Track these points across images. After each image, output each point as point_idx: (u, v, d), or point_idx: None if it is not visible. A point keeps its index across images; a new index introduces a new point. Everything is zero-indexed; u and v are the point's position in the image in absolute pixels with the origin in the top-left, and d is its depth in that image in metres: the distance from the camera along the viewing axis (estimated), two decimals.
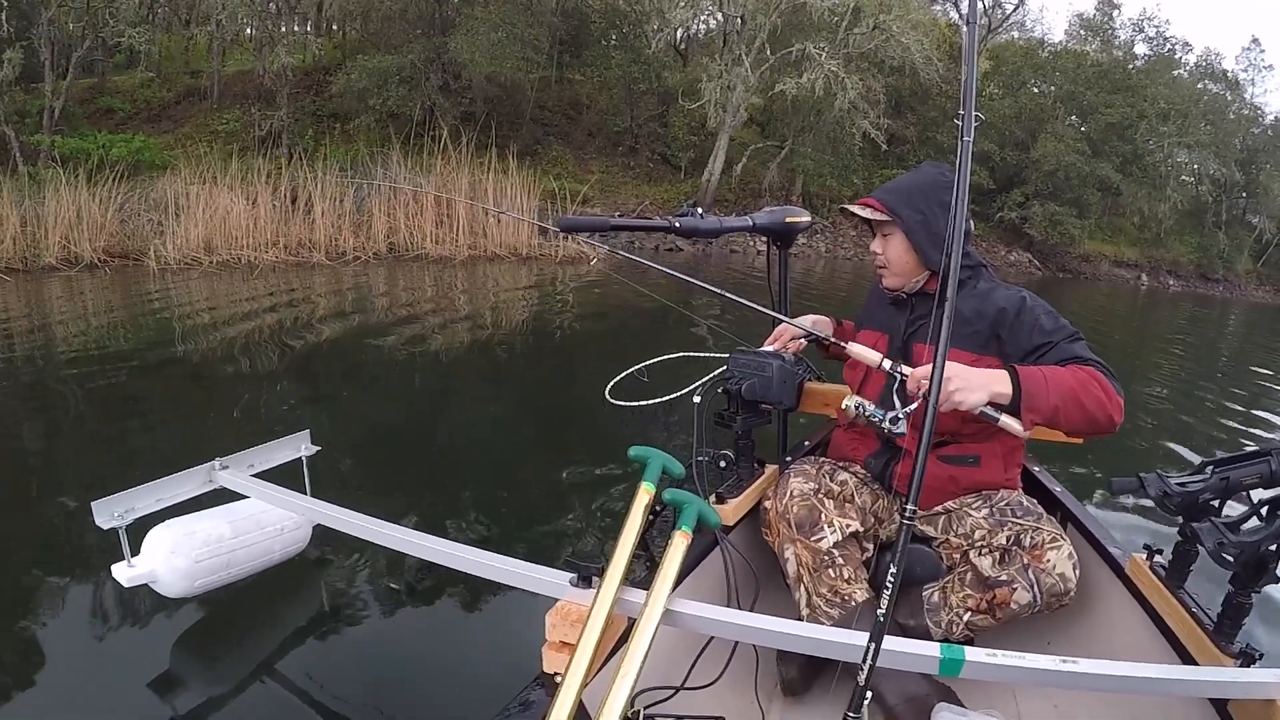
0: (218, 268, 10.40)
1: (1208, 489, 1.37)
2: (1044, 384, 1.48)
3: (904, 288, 1.84)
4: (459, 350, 6.41)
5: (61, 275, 9.49)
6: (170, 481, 1.97)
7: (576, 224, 1.99)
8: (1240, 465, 1.37)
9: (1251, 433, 5.70)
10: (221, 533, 2.09)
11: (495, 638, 2.24)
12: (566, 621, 1.26)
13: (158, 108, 16.41)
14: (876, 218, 1.79)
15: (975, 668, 1.21)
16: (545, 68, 16.55)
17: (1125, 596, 1.70)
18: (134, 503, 1.89)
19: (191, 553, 2.01)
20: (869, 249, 1.91)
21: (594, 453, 3.77)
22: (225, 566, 2.10)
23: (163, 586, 2.01)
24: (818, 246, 18.21)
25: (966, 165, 1.27)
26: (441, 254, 12.25)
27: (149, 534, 1.99)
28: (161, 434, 3.98)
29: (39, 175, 11.48)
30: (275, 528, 2.23)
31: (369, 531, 1.70)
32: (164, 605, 2.20)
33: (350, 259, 11.54)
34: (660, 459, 1.55)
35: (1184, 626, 1.46)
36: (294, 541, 2.31)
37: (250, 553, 2.17)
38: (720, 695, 1.39)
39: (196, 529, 2.05)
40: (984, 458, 1.77)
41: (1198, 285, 26.31)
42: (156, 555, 1.97)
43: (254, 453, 2.19)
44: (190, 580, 2.02)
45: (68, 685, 2.01)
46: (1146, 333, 12.62)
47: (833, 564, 1.67)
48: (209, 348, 5.99)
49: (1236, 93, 28.59)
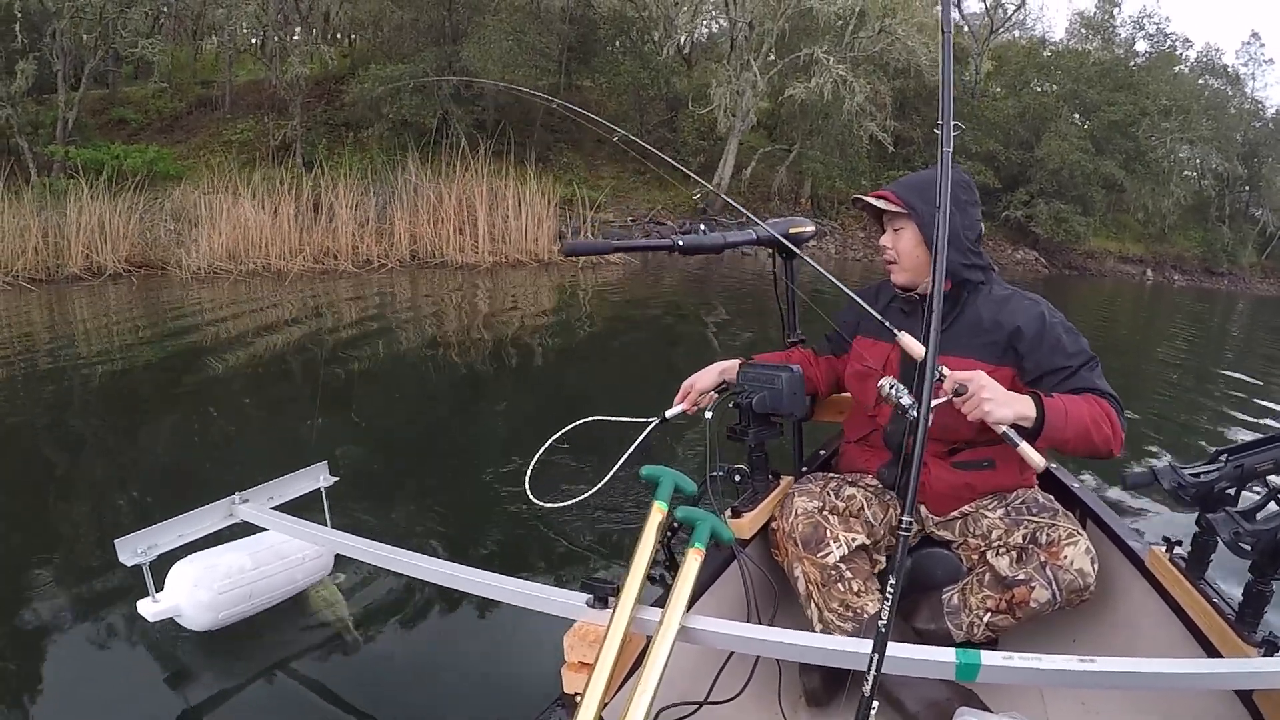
0: (246, 276, 10.56)
1: (1222, 477, 1.36)
2: (1064, 418, 1.53)
3: (915, 286, 1.84)
4: (478, 365, 6.42)
5: (85, 285, 9.59)
6: (191, 517, 1.99)
7: (582, 248, 2.01)
8: (1254, 452, 1.37)
9: (1261, 423, 5.68)
10: (243, 565, 2.12)
11: (515, 660, 2.25)
12: (584, 642, 1.28)
13: (169, 118, 16.52)
14: (891, 209, 1.79)
15: (992, 671, 1.21)
16: (554, 74, 16.62)
17: (1146, 590, 1.69)
18: (156, 539, 1.90)
19: (214, 585, 2.03)
20: (878, 244, 1.91)
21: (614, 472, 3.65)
22: (248, 598, 2.13)
23: (187, 620, 2.03)
24: (827, 249, 18.29)
25: (947, 176, 1.27)
26: (465, 261, 12.37)
27: (172, 569, 2.02)
28: (182, 457, 4.02)
29: (55, 186, 11.57)
30: (296, 558, 2.26)
31: (387, 560, 1.72)
32: (190, 639, 2.22)
33: (376, 266, 11.68)
34: (672, 477, 1.56)
35: (1206, 618, 1.45)
36: (315, 570, 2.34)
37: (272, 583, 2.20)
38: (744, 709, 1.40)
39: (218, 562, 2.08)
40: (998, 461, 1.78)
41: (1202, 279, 26.35)
42: (180, 590, 2.00)
43: (273, 486, 2.20)
44: (214, 613, 2.05)
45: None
46: (1152, 328, 12.72)
47: (840, 578, 1.67)
48: (232, 363, 6.07)
49: (1237, 87, 28.64)
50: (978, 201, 1.81)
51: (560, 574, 2.78)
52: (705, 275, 13.62)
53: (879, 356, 1.86)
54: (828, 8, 16.35)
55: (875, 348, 1.89)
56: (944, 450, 1.80)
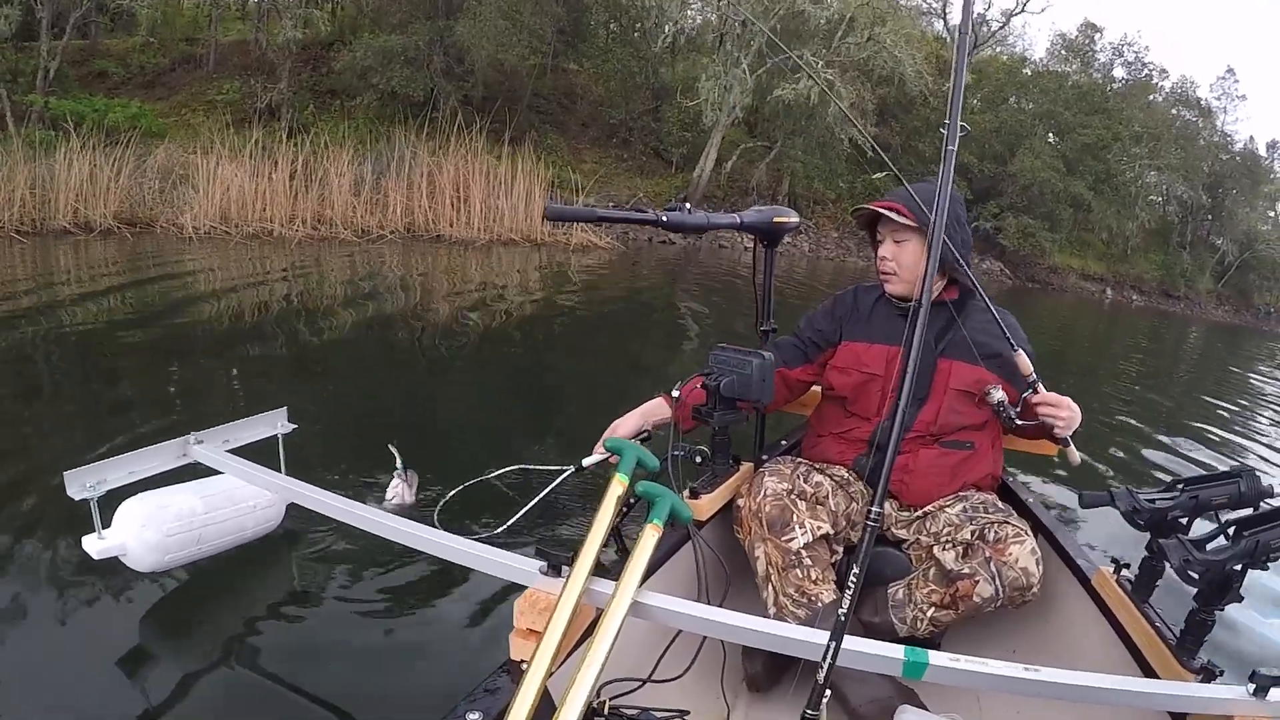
0: (246, 239, 10.55)
1: (1177, 506, 1.39)
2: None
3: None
4: (455, 333, 6.52)
5: (74, 239, 9.51)
6: (144, 454, 1.93)
7: (564, 213, 1.92)
8: (1210, 485, 1.39)
9: (1207, 450, 5.80)
10: (194, 507, 2.06)
11: (464, 622, 2.21)
12: (535, 609, 1.26)
13: (152, 74, 16.20)
14: (903, 221, 1.79)
15: (939, 671, 1.22)
16: (543, 55, 16.72)
17: (1090, 608, 1.71)
18: (106, 474, 1.84)
19: (163, 527, 1.97)
20: (877, 254, 1.91)
21: (573, 441, 3.59)
22: (196, 542, 2.07)
23: (132, 560, 1.96)
24: (801, 246, 18.63)
25: (949, 174, 1.32)
26: (459, 236, 12.59)
27: (120, 506, 1.95)
28: (143, 402, 3.99)
29: (30, 137, 11.38)
30: (248, 504, 2.20)
31: (342, 512, 1.69)
32: (133, 579, 2.15)
33: (375, 237, 11.81)
34: (635, 451, 1.55)
35: (1147, 640, 1.47)
36: (267, 519, 2.29)
37: (222, 529, 2.14)
38: (686, 689, 1.40)
39: (169, 503, 2.01)
40: (978, 444, 1.85)
41: (1159, 301, 27.23)
42: (127, 528, 1.93)
43: (230, 428, 2.13)
44: (161, 554, 1.98)
45: (29, 656, 1.96)
46: (1107, 348, 13.10)
47: (800, 564, 1.67)
48: (208, 318, 6.09)
49: (1208, 120, 29.48)
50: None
51: (515, 540, 2.77)
52: (679, 271, 13.86)
53: (877, 360, 1.88)
54: (821, 12, 16.65)
55: (872, 351, 1.90)
56: (932, 440, 1.85)
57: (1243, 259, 30.23)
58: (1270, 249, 30.78)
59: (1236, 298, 30.91)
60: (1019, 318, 1.91)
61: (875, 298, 1.97)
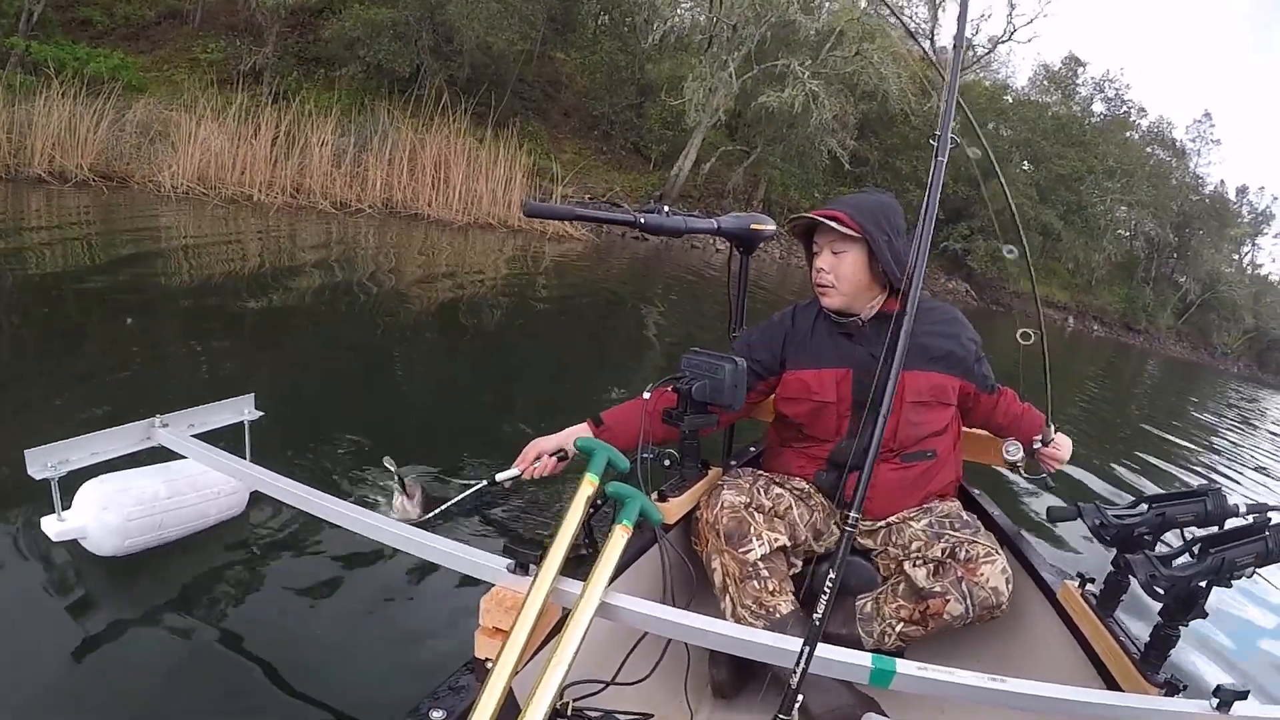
0: (223, 202, 10.50)
1: (1144, 523, 1.39)
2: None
3: (853, 310, 1.83)
4: (427, 318, 6.51)
5: (48, 188, 9.42)
6: (107, 435, 1.88)
7: (542, 210, 1.91)
8: (1177, 503, 1.40)
9: (1165, 470, 6.11)
10: (156, 491, 2.01)
11: (430, 619, 2.17)
12: (501, 607, 1.25)
13: (136, 25, 15.94)
14: (846, 231, 1.75)
15: (906, 680, 1.22)
16: (532, 42, 16.82)
17: (1055, 621, 1.72)
18: (68, 454, 1.79)
19: (124, 510, 1.93)
20: (812, 266, 1.87)
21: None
22: (158, 527, 2.02)
23: (92, 543, 1.93)
24: (772, 252, 18.90)
25: (938, 184, 1.34)
26: (437, 216, 12.64)
27: (81, 488, 1.91)
28: (106, 370, 3.83)
29: (12, 79, 11.27)
30: (211, 491, 2.15)
31: (307, 502, 1.66)
32: (92, 563, 2.05)
33: (353, 210, 11.82)
34: (606, 451, 1.55)
35: (1111, 654, 1.48)
36: (230, 506, 2.24)
37: (184, 515, 2.09)
38: (650, 692, 1.39)
39: (131, 486, 1.97)
40: (940, 450, 1.85)
41: (1120, 333, 27.98)
42: (88, 510, 1.89)
43: (195, 412, 2.09)
44: (121, 538, 1.94)
45: None
46: (1069, 371, 13.38)
47: (757, 575, 1.66)
48: (179, 283, 6.03)
49: (1181, 161, 30.31)
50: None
51: (482, 537, 2.67)
52: (650, 268, 14.05)
53: (827, 387, 1.85)
54: (812, 23, 16.92)
55: (821, 378, 1.86)
56: (892, 455, 1.83)
57: (1204, 298, 31.11)
58: (1232, 290, 31.72)
59: (1196, 335, 31.81)
60: (986, 338, 1.96)
61: (814, 316, 1.92)
